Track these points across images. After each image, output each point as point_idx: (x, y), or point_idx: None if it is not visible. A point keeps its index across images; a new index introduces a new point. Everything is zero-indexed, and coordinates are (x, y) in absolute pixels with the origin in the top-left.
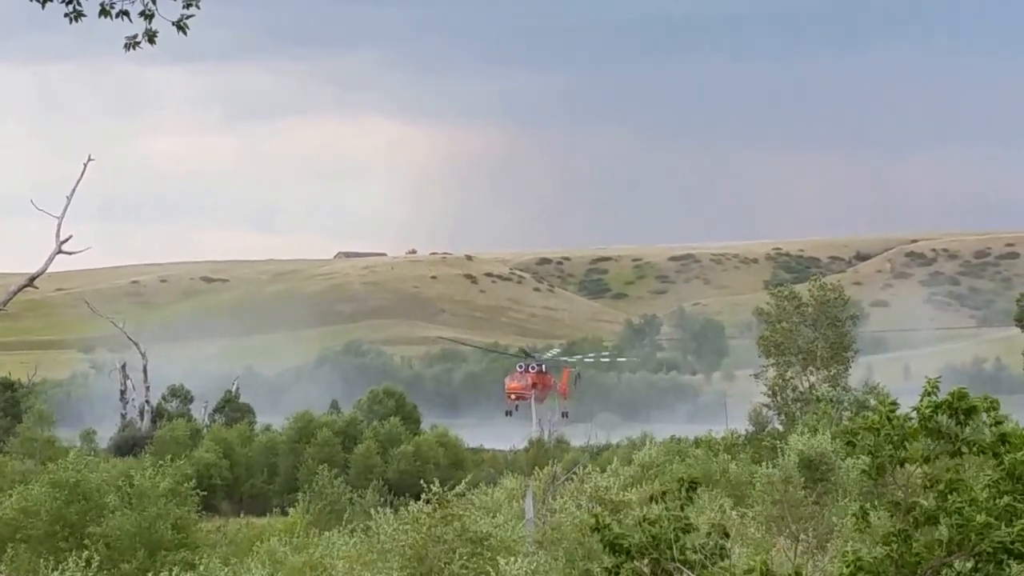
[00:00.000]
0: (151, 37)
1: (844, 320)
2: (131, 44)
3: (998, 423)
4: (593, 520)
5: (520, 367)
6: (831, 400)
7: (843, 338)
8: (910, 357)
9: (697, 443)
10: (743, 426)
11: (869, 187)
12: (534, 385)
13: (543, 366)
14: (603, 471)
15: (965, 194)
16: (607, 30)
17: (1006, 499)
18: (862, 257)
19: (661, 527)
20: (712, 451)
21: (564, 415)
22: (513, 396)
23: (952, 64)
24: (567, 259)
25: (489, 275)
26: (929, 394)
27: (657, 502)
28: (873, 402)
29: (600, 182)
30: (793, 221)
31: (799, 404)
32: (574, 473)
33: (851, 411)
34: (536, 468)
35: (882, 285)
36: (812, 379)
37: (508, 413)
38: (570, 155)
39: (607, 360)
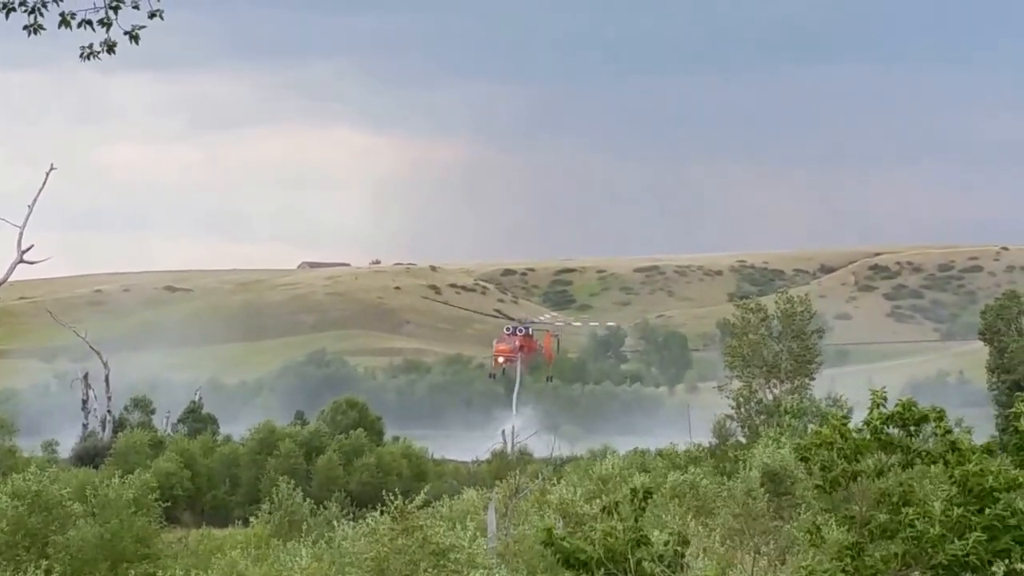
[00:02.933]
0: (110, 48)
1: (809, 333)
2: (88, 54)
3: (947, 432)
4: (545, 534)
5: (507, 330)
6: (795, 412)
7: (808, 351)
8: (874, 370)
9: (660, 455)
10: (706, 438)
11: (833, 200)
12: (521, 348)
13: (529, 330)
14: (559, 482)
15: (929, 208)
16: (573, 44)
17: (959, 511)
18: (826, 270)
19: (616, 539)
20: (675, 464)
21: (549, 379)
22: (501, 359)
23: (917, 81)
24: (531, 270)
25: (453, 286)
26: (878, 406)
27: (611, 513)
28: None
29: (564, 194)
30: (758, 234)
31: (763, 416)
32: (531, 487)
33: (815, 424)
34: (498, 481)
35: (846, 298)
36: (776, 391)
37: (492, 376)
38: (535, 167)
39: (578, 325)
